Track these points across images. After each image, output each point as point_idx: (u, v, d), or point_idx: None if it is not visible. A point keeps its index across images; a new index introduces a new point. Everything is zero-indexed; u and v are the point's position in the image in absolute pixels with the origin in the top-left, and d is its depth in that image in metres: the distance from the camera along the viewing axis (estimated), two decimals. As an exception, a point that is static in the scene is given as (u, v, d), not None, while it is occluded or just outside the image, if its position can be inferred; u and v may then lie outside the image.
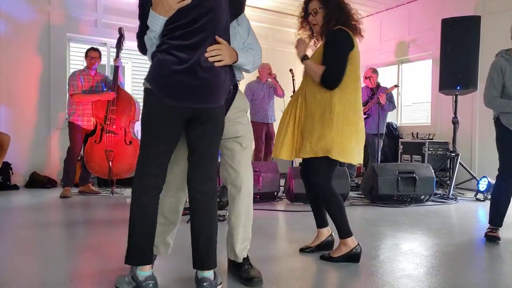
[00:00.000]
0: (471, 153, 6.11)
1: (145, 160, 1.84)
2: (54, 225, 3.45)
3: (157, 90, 1.78)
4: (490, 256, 2.74)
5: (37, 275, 2.20)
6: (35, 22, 5.85)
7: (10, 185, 5.43)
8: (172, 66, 1.76)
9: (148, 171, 1.84)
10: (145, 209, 1.84)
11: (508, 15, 5.69)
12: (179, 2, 1.75)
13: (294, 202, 4.62)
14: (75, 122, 4.98)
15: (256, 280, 2.04)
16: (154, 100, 1.79)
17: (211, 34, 1.84)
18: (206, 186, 1.89)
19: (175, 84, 1.77)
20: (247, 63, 2.04)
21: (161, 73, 1.79)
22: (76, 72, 5.05)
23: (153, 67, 1.82)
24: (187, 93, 1.78)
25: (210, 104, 1.83)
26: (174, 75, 1.76)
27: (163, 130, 1.81)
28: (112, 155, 4.98)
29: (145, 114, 1.85)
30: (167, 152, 1.86)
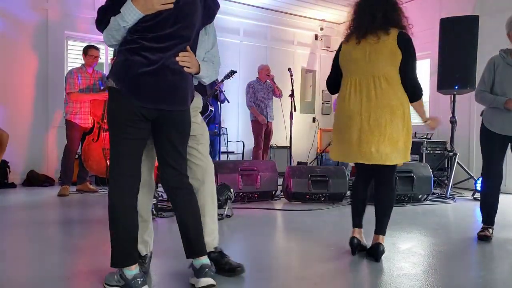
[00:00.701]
0: (469, 153, 6.12)
1: (119, 160, 1.85)
2: (51, 223, 3.44)
3: (126, 91, 1.78)
4: (487, 255, 2.75)
5: (34, 273, 2.20)
6: (33, 20, 5.83)
7: (8, 183, 5.42)
8: (140, 68, 1.77)
9: (124, 171, 1.84)
10: (126, 211, 1.84)
11: (506, 15, 5.67)
12: (162, 4, 1.76)
13: (292, 201, 4.63)
14: (73, 120, 4.96)
15: (239, 270, 2.12)
16: (122, 100, 1.79)
17: (184, 40, 1.88)
18: (182, 182, 1.95)
19: (144, 85, 1.78)
20: (206, 76, 2.09)
21: (129, 74, 1.78)
22: (73, 70, 5.01)
23: (121, 67, 1.81)
24: (155, 94, 1.80)
25: (178, 106, 1.87)
26: (142, 76, 1.77)
27: (133, 130, 1.81)
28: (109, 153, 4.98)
29: (112, 113, 1.84)
30: (139, 150, 1.88)
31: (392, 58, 2.42)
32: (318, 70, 8.67)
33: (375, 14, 2.45)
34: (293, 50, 8.27)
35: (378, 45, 2.44)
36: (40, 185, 5.57)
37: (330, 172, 4.70)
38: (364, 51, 2.48)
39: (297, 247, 2.89)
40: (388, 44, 2.41)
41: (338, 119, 2.61)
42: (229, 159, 6.82)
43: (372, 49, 2.46)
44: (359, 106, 2.45)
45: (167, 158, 1.93)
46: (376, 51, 2.45)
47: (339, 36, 8.78)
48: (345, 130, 2.52)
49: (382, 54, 2.43)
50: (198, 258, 1.91)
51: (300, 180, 4.59)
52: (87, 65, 5.04)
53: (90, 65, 5.04)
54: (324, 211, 4.15)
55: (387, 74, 2.42)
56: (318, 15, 8.24)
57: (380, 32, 2.43)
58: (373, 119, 2.40)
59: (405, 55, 2.41)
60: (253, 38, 7.81)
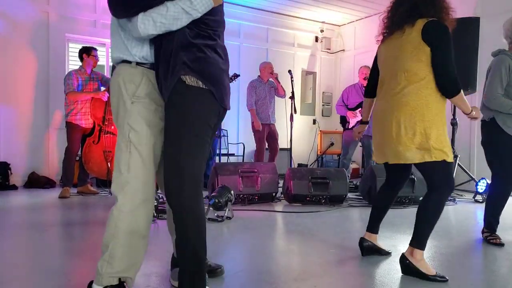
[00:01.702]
0: (469, 155, 6.12)
1: (201, 163, 1.65)
2: (52, 225, 3.44)
3: (217, 94, 1.64)
4: (487, 258, 2.75)
5: (35, 276, 2.20)
6: (34, 22, 5.84)
7: (9, 185, 5.42)
8: (220, 65, 1.67)
9: (201, 177, 1.67)
10: (202, 217, 1.67)
11: (507, 17, 5.69)
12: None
13: (293, 203, 4.62)
14: (74, 121, 4.95)
15: (219, 271, 2.11)
16: (209, 101, 1.63)
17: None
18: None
19: (226, 86, 1.71)
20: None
21: (216, 74, 1.64)
22: (72, 71, 4.98)
23: (204, 63, 1.62)
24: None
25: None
26: (224, 76, 1.69)
27: (211, 134, 1.71)
28: (111, 155, 4.98)
29: (201, 116, 1.62)
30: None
31: (416, 53, 2.23)
32: (319, 72, 8.68)
33: (403, 6, 2.32)
34: (293, 52, 8.27)
35: (402, 39, 2.30)
36: (41, 187, 5.57)
37: (330, 174, 4.70)
38: (391, 49, 2.39)
39: (297, 249, 2.89)
40: (412, 38, 2.25)
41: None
42: (229, 161, 6.82)
43: (397, 44, 2.33)
44: (382, 106, 2.40)
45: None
46: (399, 47, 2.32)
47: (339, 38, 8.80)
48: (373, 131, 2.53)
49: (404, 50, 2.28)
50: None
51: (300, 182, 4.59)
52: (87, 66, 5.01)
53: (91, 66, 5.01)
54: (324, 213, 4.15)
55: (409, 71, 2.25)
56: (318, 17, 8.25)
57: (406, 26, 2.28)
58: (390, 120, 2.30)
59: (432, 48, 2.20)
60: (253, 40, 7.83)
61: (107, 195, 5.05)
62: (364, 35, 8.11)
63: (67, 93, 4.89)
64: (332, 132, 7.26)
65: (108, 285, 1.72)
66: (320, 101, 8.76)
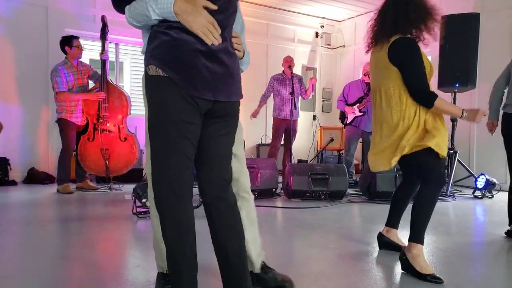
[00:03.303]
0: (469, 151, 6.12)
1: (179, 165, 1.43)
2: (52, 221, 3.45)
3: (179, 78, 1.39)
4: (487, 253, 2.75)
5: (35, 271, 2.20)
6: (33, 17, 5.82)
7: (8, 180, 5.43)
8: (195, 48, 1.40)
9: (184, 178, 1.44)
10: (189, 223, 1.47)
11: (507, 13, 5.69)
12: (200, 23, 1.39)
13: (292, 198, 4.63)
14: (68, 119, 4.85)
15: (288, 286, 1.91)
16: (172, 90, 1.40)
17: (229, 18, 1.52)
18: (226, 191, 1.55)
19: (202, 70, 1.41)
20: (246, 63, 1.83)
21: (182, 57, 1.40)
22: (59, 67, 4.81)
23: (169, 48, 1.41)
24: (213, 82, 1.43)
25: (234, 96, 1.52)
26: (199, 59, 1.40)
27: (190, 125, 1.43)
28: (108, 153, 4.96)
29: (162, 108, 1.42)
30: (194, 152, 1.48)
31: (387, 72, 2.32)
32: (319, 67, 8.66)
33: (385, 23, 2.36)
34: (293, 48, 8.25)
35: (379, 55, 2.37)
36: (41, 183, 5.57)
37: (330, 170, 4.70)
38: (373, 63, 2.49)
39: (297, 244, 2.89)
40: (381, 57, 2.35)
41: None
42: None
43: (375, 60, 2.43)
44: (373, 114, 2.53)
45: (211, 161, 1.53)
46: (375, 63, 2.43)
47: (339, 33, 8.78)
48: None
49: (378, 68, 2.40)
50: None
51: (300, 178, 4.60)
52: (72, 58, 4.88)
53: (76, 57, 4.88)
54: (324, 209, 4.15)
55: (384, 89, 2.35)
56: (318, 13, 8.22)
57: (383, 41, 2.35)
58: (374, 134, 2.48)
59: (398, 67, 2.27)
60: (253, 36, 7.78)
61: (106, 190, 5.05)
62: (364, 31, 8.00)
63: (58, 93, 4.76)
64: (332, 128, 7.25)
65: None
66: (320, 97, 8.75)
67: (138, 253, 2.57)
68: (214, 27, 1.40)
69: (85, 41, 6.16)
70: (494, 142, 5.17)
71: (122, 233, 3.09)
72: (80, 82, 4.94)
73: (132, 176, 5.41)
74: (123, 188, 5.14)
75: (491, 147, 5.62)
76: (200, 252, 1.53)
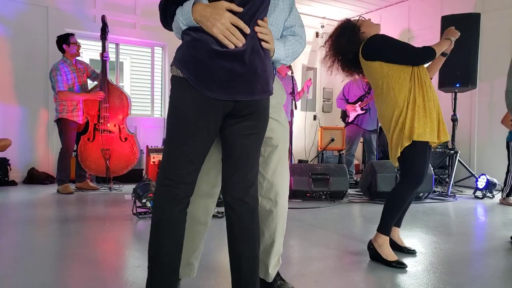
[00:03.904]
0: (470, 151, 6.11)
1: (176, 165, 1.45)
2: (52, 221, 3.44)
3: (194, 80, 1.38)
4: (488, 253, 2.74)
5: (35, 271, 2.20)
6: (33, 17, 5.82)
7: (8, 181, 5.42)
8: (211, 48, 1.38)
9: (179, 178, 1.45)
10: (174, 225, 1.47)
11: (507, 13, 5.68)
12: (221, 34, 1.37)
13: (293, 199, 4.62)
14: (70, 118, 4.83)
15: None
16: (189, 91, 1.40)
17: (257, 9, 1.45)
18: (247, 194, 1.52)
19: (217, 70, 1.39)
20: (284, 57, 1.65)
21: (197, 57, 1.39)
22: (59, 66, 4.78)
23: (186, 49, 1.42)
24: (231, 82, 1.40)
25: (258, 94, 1.46)
26: (214, 59, 1.38)
27: (200, 128, 1.42)
28: (109, 153, 4.95)
29: (175, 108, 1.44)
30: (202, 154, 1.49)
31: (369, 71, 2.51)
32: (319, 67, 8.66)
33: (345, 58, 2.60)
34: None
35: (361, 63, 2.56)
36: (41, 183, 5.56)
37: (331, 170, 4.70)
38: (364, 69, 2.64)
39: (298, 244, 2.88)
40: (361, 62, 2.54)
41: None
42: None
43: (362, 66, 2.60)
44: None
45: (235, 161, 1.51)
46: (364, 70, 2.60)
47: (340, 33, 8.75)
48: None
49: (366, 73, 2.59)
50: None
51: (301, 178, 4.59)
52: (70, 56, 4.85)
53: (75, 55, 4.86)
54: (324, 209, 4.15)
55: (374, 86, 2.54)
56: (318, 12, 8.21)
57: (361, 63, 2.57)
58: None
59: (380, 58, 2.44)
60: (253, 36, 7.80)
61: (106, 191, 5.04)
62: (364, 30, 8.05)
63: (59, 92, 4.74)
64: (332, 128, 7.24)
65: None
66: (321, 97, 8.75)
67: (138, 253, 2.56)
68: (236, 29, 1.37)
69: (85, 41, 6.16)
70: (495, 142, 5.19)
71: (122, 234, 3.08)
72: (80, 80, 4.93)
73: (132, 176, 5.40)
74: (123, 189, 5.14)
75: (492, 147, 5.62)
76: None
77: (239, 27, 1.38)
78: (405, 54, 2.42)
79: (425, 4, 6.91)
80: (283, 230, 1.86)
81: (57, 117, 4.89)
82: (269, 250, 1.84)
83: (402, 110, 2.39)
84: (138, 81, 6.99)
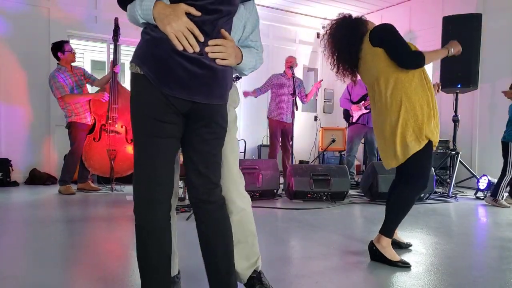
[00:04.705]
0: (471, 152, 6.10)
1: (152, 165, 1.43)
2: (53, 222, 3.45)
3: (154, 76, 1.38)
4: (488, 254, 2.74)
5: (36, 272, 2.20)
6: (35, 18, 5.83)
7: (10, 181, 5.43)
8: (171, 47, 1.37)
9: (157, 179, 1.43)
10: (161, 230, 1.46)
11: (509, 13, 5.68)
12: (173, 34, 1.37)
13: (294, 199, 4.62)
14: (79, 121, 4.86)
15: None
16: (147, 88, 1.40)
17: (217, 21, 1.44)
18: (213, 194, 1.53)
19: (177, 69, 1.37)
20: (249, 68, 1.68)
21: (158, 55, 1.38)
22: (55, 73, 4.80)
23: (147, 47, 1.41)
24: (191, 82, 1.39)
25: (216, 99, 1.46)
26: (174, 58, 1.37)
27: (164, 126, 1.42)
28: (114, 154, 4.97)
29: (136, 106, 1.44)
30: (172, 152, 1.48)
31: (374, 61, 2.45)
32: (320, 68, 8.66)
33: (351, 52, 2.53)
34: (294, 49, 8.25)
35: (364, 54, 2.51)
36: (42, 184, 5.58)
37: (331, 171, 4.70)
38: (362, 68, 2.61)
39: (299, 245, 2.89)
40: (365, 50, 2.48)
41: None
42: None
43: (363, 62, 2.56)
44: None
45: (198, 163, 1.50)
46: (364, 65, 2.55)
47: (341, 34, 8.75)
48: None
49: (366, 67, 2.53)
50: None
51: (301, 179, 4.59)
52: (66, 64, 4.85)
53: (70, 62, 4.87)
54: (325, 210, 4.15)
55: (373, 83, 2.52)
56: (319, 13, 8.22)
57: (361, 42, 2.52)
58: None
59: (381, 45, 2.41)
60: (254, 37, 7.80)
61: (108, 191, 5.05)
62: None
63: (64, 97, 4.75)
64: (333, 129, 7.25)
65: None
66: (322, 98, 8.75)
67: (139, 254, 2.56)
68: (191, 33, 1.36)
69: (87, 42, 6.17)
70: (496, 143, 5.17)
71: (124, 234, 3.08)
72: (79, 84, 4.96)
73: (133, 177, 5.41)
74: (125, 189, 5.15)
75: (493, 148, 5.60)
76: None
77: (195, 34, 1.37)
78: (400, 52, 2.37)
79: (426, 4, 6.91)
80: (244, 230, 1.83)
81: (67, 121, 4.93)
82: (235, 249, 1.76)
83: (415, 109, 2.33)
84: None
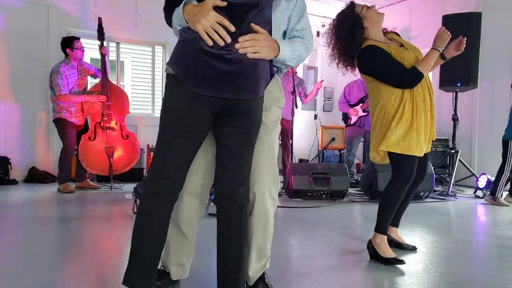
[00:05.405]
0: (470, 150, 6.10)
1: (164, 160, 1.49)
2: (52, 220, 3.44)
3: (182, 76, 1.42)
4: (488, 253, 2.74)
5: (35, 270, 2.20)
6: (34, 16, 5.82)
7: (9, 180, 5.41)
8: (200, 43, 1.40)
9: (165, 173, 1.48)
10: (156, 218, 1.51)
11: (509, 12, 5.67)
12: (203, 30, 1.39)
13: (293, 198, 4.62)
14: (68, 118, 4.81)
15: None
16: (178, 88, 1.43)
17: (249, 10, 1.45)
18: (236, 193, 1.54)
19: (203, 68, 1.41)
20: (292, 58, 1.63)
21: (186, 54, 1.43)
22: (60, 69, 4.74)
23: (178, 48, 1.48)
24: (218, 79, 1.41)
25: (246, 94, 1.46)
26: (201, 57, 1.40)
27: (188, 124, 1.45)
28: (112, 151, 4.96)
29: (167, 105, 1.49)
30: (192, 151, 1.51)
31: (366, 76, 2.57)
32: (320, 67, 8.65)
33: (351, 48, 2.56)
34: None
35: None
36: (42, 182, 5.56)
37: (331, 169, 4.70)
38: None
39: (299, 244, 2.89)
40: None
41: None
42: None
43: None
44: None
45: (225, 158, 1.54)
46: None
47: (340, 33, 8.74)
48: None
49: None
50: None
51: (301, 177, 4.59)
52: (73, 60, 4.86)
53: (78, 58, 4.87)
54: (325, 208, 4.14)
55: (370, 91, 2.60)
56: (319, 11, 8.20)
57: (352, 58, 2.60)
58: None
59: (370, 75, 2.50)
60: (254, 35, 7.79)
61: (107, 190, 5.04)
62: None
63: (60, 95, 4.71)
64: (333, 127, 7.24)
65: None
66: (322, 96, 8.74)
67: (138, 252, 2.56)
68: (221, 27, 1.38)
69: (86, 40, 6.15)
70: (495, 141, 5.18)
71: (123, 232, 3.08)
72: (80, 83, 4.94)
73: (132, 175, 5.41)
74: (124, 188, 5.14)
75: (493, 147, 5.60)
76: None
77: (224, 26, 1.39)
78: (391, 78, 2.41)
79: (426, 3, 6.90)
80: (266, 234, 1.79)
81: (55, 117, 4.88)
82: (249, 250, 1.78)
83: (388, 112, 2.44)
84: (138, 80, 6.99)
